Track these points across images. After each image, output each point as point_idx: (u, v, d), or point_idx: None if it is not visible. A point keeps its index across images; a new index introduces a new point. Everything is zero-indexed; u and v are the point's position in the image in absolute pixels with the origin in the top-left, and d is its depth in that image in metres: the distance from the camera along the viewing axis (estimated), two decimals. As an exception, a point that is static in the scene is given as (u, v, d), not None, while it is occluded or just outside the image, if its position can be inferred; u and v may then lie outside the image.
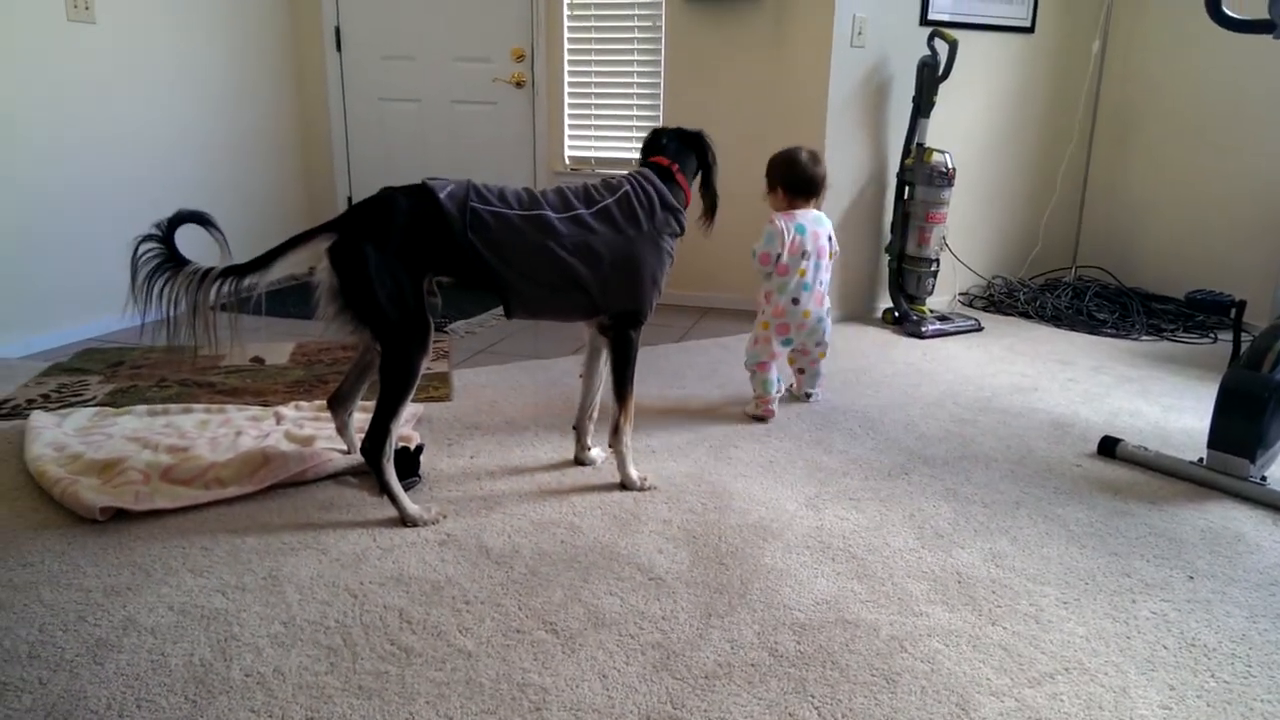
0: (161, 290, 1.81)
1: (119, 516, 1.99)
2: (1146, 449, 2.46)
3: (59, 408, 2.63)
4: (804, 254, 2.70)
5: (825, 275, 2.77)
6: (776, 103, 4.03)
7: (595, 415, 2.39)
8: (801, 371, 2.93)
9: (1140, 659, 1.57)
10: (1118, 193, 4.51)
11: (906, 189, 3.88)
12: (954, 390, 3.08)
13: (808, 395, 2.93)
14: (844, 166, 3.88)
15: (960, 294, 4.44)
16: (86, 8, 3.39)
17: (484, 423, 2.66)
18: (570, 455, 2.41)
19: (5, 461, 2.28)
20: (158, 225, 1.83)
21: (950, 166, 3.74)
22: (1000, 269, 4.55)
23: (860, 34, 3.74)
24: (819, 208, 2.80)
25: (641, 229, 2.11)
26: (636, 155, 2.29)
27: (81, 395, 2.77)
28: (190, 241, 1.88)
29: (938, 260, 3.88)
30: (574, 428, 2.40)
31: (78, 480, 2.06)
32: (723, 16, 4.03)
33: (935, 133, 3.91)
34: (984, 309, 4.35)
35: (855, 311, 4.12)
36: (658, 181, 2.18)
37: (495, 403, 2.84)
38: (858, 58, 3.79)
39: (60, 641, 1.55)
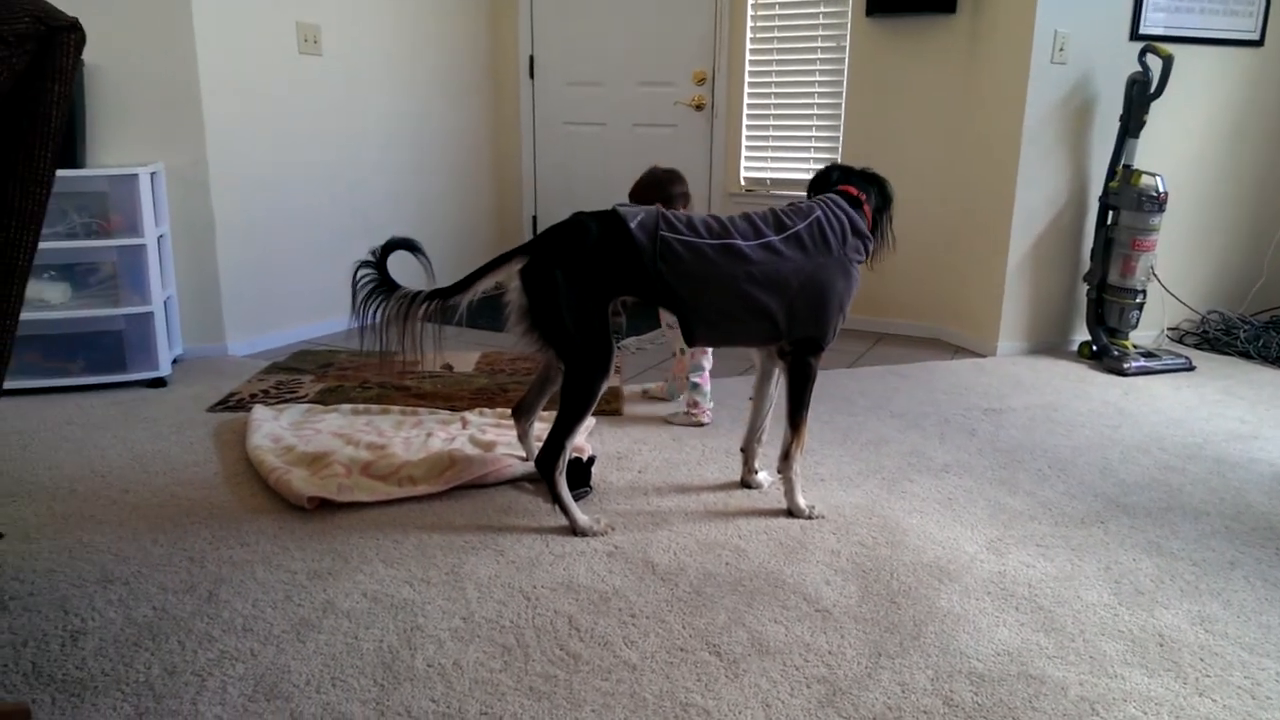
0: (376, 311, 1.99)
1: (323, 506, 2.18)
2: (1396, 514, 2.16)
3: (276, 403, 2.91)
4: None
5: None
6: (966, 122, 3.87)
7: (764, 438, 2.37)
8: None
9: (1384, 755, 1.38)
10: (1365, 221, 4.00)
11: (1110, 214, 3.62)
12: (1159, 434, 2.83)
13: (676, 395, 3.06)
14: (1039, 189, 3.67)
15: (1169, 329, 4.08)
16: (315, 41, 3.75)
17: (652, 439, 2.71)
18: (736, 477, 2.41)
19: (231, 448, 2.55)
20: (372, 252, 2.02)
21: (1162, 190, 3.45)
22: (1217, 303, 4.13)
23: (1061, 50, 3.53)
24: None
25: (832, 254, 2.09)
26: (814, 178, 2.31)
27: (295, 392, 3.05)
28: (397, 260, 2.04)
29: (1144, 291, 3.58)
30: (741, 449, 2.39)
31: (290, 470, 2.27)
32: (911, 34, 3.92)
33: (1145, 154, 3.62)
34: (1196, 346, 3.97)
35: (1047, 343, 3.87)
36: (848, 207, 2.15)
37: (664, 419, 2.88)
38: (1058, 75, 3.58)
39: (269, 618, 1.71)
